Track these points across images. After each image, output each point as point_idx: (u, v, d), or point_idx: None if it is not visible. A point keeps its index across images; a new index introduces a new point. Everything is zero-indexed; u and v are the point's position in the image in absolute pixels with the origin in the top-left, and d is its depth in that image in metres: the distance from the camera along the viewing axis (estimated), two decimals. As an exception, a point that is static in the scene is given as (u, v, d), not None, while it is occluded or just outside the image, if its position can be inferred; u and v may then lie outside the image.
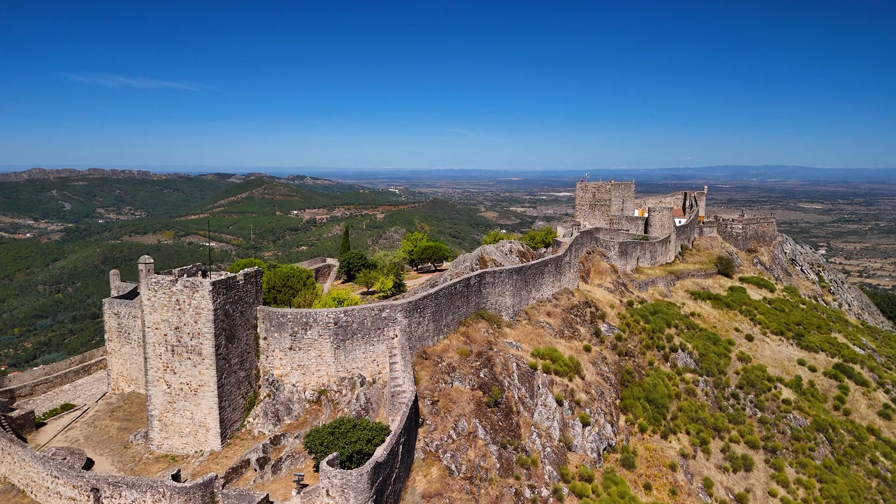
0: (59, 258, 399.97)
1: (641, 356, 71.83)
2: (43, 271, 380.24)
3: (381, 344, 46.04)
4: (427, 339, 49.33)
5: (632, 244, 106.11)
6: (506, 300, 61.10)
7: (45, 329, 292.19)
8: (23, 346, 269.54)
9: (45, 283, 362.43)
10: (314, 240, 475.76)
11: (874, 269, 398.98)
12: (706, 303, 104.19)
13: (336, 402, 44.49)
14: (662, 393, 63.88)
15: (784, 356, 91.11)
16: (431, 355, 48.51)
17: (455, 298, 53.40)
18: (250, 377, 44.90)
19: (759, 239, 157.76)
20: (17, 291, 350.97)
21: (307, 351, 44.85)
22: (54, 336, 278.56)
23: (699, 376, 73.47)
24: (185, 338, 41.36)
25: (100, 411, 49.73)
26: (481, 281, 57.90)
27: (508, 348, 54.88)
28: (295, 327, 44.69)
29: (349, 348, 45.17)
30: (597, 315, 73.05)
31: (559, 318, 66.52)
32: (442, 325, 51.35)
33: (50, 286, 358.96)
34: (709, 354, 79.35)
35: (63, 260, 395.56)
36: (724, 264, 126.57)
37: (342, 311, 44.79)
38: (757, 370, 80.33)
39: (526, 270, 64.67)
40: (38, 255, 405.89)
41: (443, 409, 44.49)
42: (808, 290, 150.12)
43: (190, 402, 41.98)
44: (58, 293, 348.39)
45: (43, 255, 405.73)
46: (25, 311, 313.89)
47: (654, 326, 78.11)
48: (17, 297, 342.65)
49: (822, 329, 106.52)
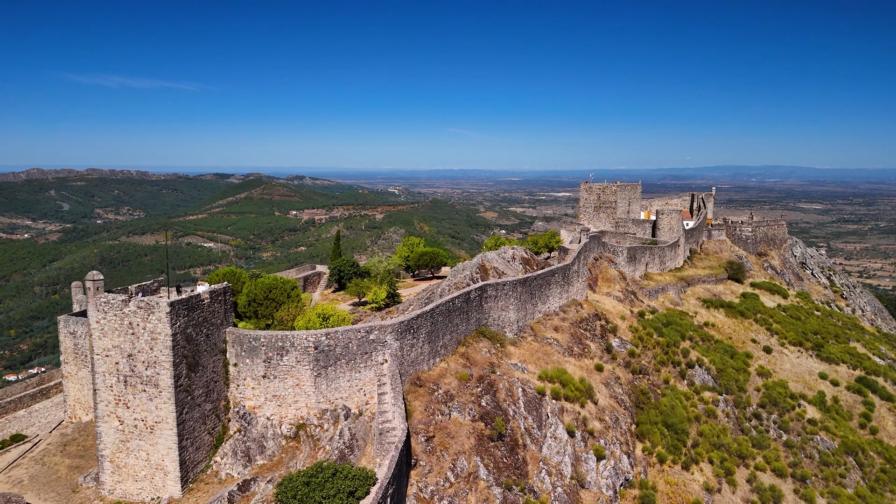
0: (56, 259, 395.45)
1: (656, 373, 66.16)
2: (40, 272, 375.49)
3: (369, 370, 40.34)
4: (421, 363, 43.62)
5: (640, 249, 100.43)
6: (509, 315, 55.39)
7: (41, 331, 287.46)
8: (18, 348, 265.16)
9: (41, 284, 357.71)
10: (313, 240, 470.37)
11: (874, 270, 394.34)
12: (719, 311, 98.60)
13: (316, 437, 38.78)
14: (681, 416, 58.19)
15: (805, 369, 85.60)
16: (426, 382, 42.80)
17: (453, 315, 47.71)
18: (218, 409, 39.17)
19: (770, 242, 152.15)
20: (14, 292, 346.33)
21: (283, 379, 39.15)
22: (50, 338, 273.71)
23: (718, 395, 67.81)
24: (139, 367, 35.65)
25: (52, 444, 44.02)
26: (482, 295, 52.20)
27: (513, 371, 49.18)
28: (269, 352, 38.98)
29: (332, 376, 39.47)
30: (607, 328, 67.36)
31: (567, 334, 60.82)
32: (438, 346, 45.64)
33: (46, 287, 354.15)
34: (727, 370, 73.74)
35: (60, 261, 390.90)
36: (734, 269, 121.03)
37: (323, 333, 39.10)
38: (779, 387, 74.72)
39: (531, 281, 58.94)
40: (35, 256, 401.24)
41: (439, 447, 38.77)
42: (821, 295, 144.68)
43: (146, 440, 36.26)
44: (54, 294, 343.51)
45: (40, 256, 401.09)
46: (22, 313, 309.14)
47: (669, 340, 72.46)
48: (13, 298, 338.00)
49: (839, 338, 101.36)
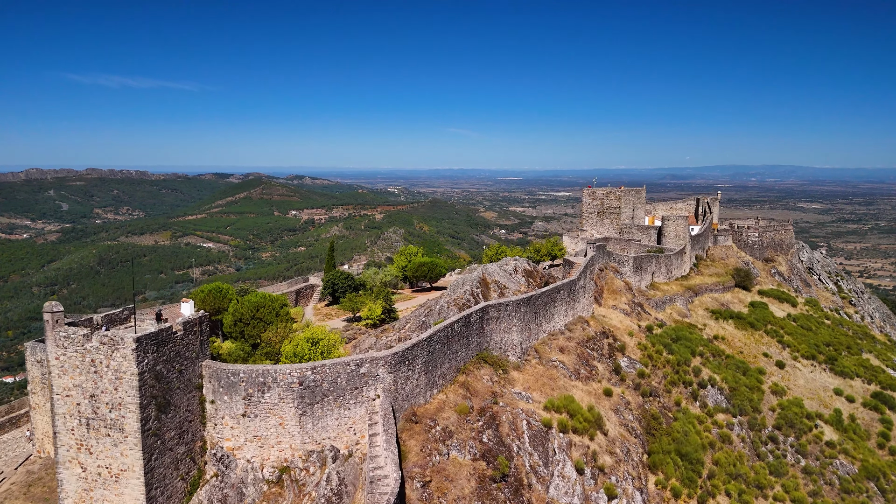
0: (54, 259, 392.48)
1: (667, 394, 62.61)
2: (38, 273, 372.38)
3: (360, 407, 36.77)
4: (417, 397, 40.05)
5: (646, 258, 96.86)
6: (513, 337, 51.81)
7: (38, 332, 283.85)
8: (16, 350, 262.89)
9: (39, 284, 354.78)
10: (312, 240, 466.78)
11: (875, 270, 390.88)
12: (729, 323, 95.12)
13: (301, 482, 35.22)
14: (695, 443, 54.65)
15: (819, 385, 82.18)
16: (423, 417, 39.23)
17: (452, 342, 44.12)
18: (193, 452, 35.60)
19: (777, 247, 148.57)
20: (12, 293, 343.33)
21: (265, 418, 35.59)
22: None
23: (732, 417, 64.25)
24: (102, 409, 32.10)
25: (15, 484, 40.45)
26: (484, 317, 48.61)
27: (517, 400, 45.60)
28: (249, 388, 35.41)
29: (318, 414, 35.90)
30: (615, 347, 63.81)
31: (574, 355, 57.25)
32: (436, 376, 42.06)
33: (45, 288, 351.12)
34: (740, 388, 70.19)
35: (59, 261, 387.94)
36: (742, 276, 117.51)
37: (309, 367, 35.53)
38: (794, 406, 71.17)
39: (535, 300, 55.34)
40: (33, 257, 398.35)
41: (437, 493, 35.23)
42: (829, 301, 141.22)
43: (110, 490, 32.68)
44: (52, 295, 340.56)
45: (38, 257, 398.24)
46: (20, 314, 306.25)
47: (679, 358, 68.89)
48: (11, 298, 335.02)
49: (852, 349, 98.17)
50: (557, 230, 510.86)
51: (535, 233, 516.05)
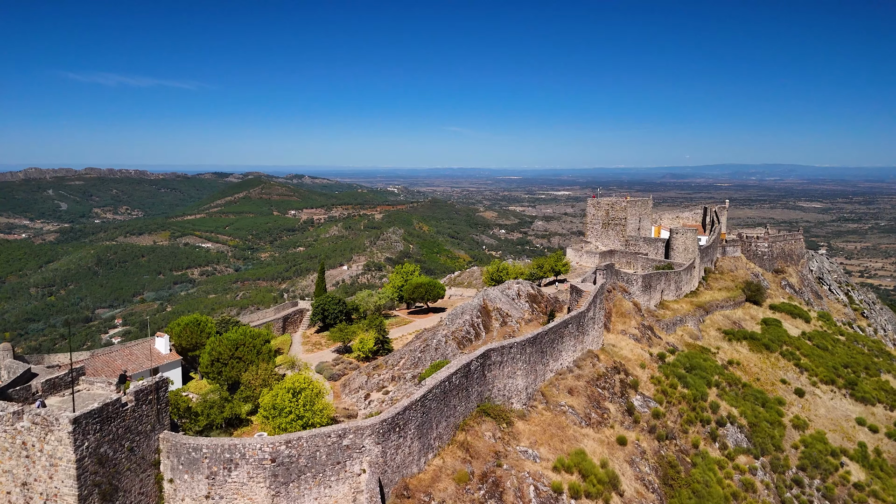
0: (52, 260, 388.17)
1: (683, 435, 57.68)
2: (36, 273, 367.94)
3: (342, 484, 31.85)
4: (410, 466, 35.12)
5: (655, 276, 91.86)
6: (517, 382, 46.86)
7: (36, 333, 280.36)
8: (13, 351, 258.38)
9: (37, 285, 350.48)
10: (311, 241, 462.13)
11: (875, 269, 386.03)
12: (743, 345, 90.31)
13: (274, 575, 30.34)
14: (717, 496, 49.76)
15: (841, 414, 77.51)
16: (415, 491, 34.31)
17: (450, 396, 39.17)
18: (148, 540, 30.70)
19: (787, 258, 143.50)
20: (9, 294, 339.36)
21: (232, 500, 30.64)
22: (45, 341, 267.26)
23: (755, 459, 59.34)
24: (36, 500, 27.18)
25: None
26: (485, 363, 43.64)
27: (523, 461, 40.65)
28: (214, 466, 30.49)
29: (294, 494, 30.97)
30: (627, 384, 58.84)
31: (584, 396, 52.31)
32: (431, 438, 37.12)
33: (42, 289, 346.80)
34: (760, 424, 65.33)
35: (56, 262, 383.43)
36: (752, 290, 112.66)
37: (283, 440, 30.60)
38: (818, 442, 66.35)
39: (542, 338, 50.32)
40: (31, 257, 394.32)
41: (430, 588, 30.36)
42: (841, 314, 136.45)
43: None
44: (50, 296, 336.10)
45: (36, 257, 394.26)
46: (17, 315, 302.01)
47: (695, 392, 63.94)
48: (8, 299, 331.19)
49: (870, 370, 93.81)
50: (557, 230, 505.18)
51: (534, 232, 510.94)
